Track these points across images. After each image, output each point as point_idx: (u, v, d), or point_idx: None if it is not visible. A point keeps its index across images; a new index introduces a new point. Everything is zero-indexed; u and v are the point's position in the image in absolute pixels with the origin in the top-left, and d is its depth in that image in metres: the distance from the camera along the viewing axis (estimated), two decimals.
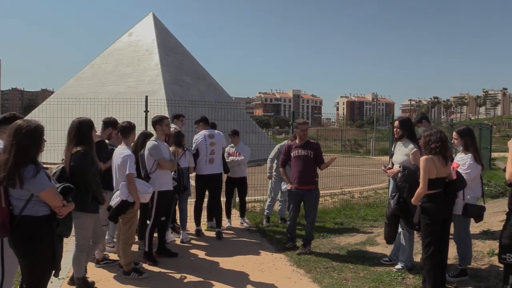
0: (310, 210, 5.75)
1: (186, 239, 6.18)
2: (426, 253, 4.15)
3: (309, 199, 5.70)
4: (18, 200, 2.92)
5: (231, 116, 10.21)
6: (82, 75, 22.72)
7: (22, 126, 2.89)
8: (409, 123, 5.14)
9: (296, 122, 5.88)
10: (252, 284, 4.62)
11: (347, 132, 40.54)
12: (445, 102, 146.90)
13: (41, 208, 2.97)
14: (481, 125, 16.57)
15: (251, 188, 7.74)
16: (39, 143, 2.97)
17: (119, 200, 4.49)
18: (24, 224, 2.93)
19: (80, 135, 3.94)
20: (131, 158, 4.57)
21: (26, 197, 2.91)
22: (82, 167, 3.83)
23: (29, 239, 2.94)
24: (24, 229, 2.93)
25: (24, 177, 2.82)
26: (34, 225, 2.94)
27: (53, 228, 3.01)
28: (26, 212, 2.92)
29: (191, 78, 22.39)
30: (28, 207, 2.92)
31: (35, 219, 2.94)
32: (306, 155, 5.64)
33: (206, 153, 6.37)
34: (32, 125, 2.93)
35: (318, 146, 5.81)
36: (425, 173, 4.06)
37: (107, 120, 5.36)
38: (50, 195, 2.94)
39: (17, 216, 2.92)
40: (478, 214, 4.51)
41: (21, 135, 2.86)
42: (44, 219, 2.97)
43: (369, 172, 11.07)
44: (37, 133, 2.94)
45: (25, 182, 2.82)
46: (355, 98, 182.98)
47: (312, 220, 5.80)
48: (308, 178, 5.64)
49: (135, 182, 4.57)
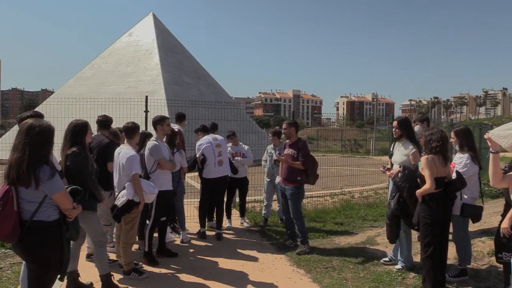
0: (291, 208, 5.85)
1: (186, 239, 6.18)
2: (426, 253, 4.15)
3: (290, 197, 5.83)
4: (30, 203, 2.83)
5: (231, 116, 10.22)
6: (82, 75, 22.74)
7: (35, 125, 2.85)
8: (407, 123, 5.15)
9: (282, 122, 6.12)
10: (252, 284, 4.63)
11: (347, 132, 40.60)
12: (445, 102, 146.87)
13: (53, 212, 2.92)
14: (481, 125, 16.55)
15: (251, 188, 7.75)
16: (51, 143, 2.94)
17: (125, 200, 4.50)
18: (35, 230, 2.84)
19: (74, 138, 4.00)
20: (136, 158, 4.60)
21: (39, 200, 2.83)
22: (78, 167, 3.88)
23: (40, 245, 2.87)
24: (35, 235, 2.84)
25: (41, 178, 2.76)
26: (46, 231, 2.88)
27: (63, 232, 2.97)
28: (37, 217, 2.84)
29: (191, 78, 22.41)
30: (40, 210, 2.84)
31: (47, 225, 2.88)
32: (291, 154, 5.81)
33: (214, 156, 6.32)
34: (44, 125, 2.91)
35: (303, 145, 5.88)
36: (431, 171, 4.06)
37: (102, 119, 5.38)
38: (64, 197, 2.92)
39: (28, 221, 2.82)
40: (476, 214, 4.51)
41: (34, 134, 2.81)
42: (55, 224, 2.92)
43: (369, 172, 11.08)
44: (49, 132, 2.91)
45: (41, 183, 2.76)
46: (355, 98, 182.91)
47: (296, 217, 5.84)
48: (290, 176, 5.79)
49: (141, 182, 4.59)
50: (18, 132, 2.88)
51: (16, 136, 2.87)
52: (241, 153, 7.16)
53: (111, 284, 4.27)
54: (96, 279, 4.44)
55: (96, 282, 4.40)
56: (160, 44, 21.69)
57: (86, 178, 3.94)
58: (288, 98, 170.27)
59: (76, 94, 19.03)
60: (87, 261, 5.05)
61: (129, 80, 20.83)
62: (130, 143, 4.79)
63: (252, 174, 8.01)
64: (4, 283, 4.57)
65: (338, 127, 67.88)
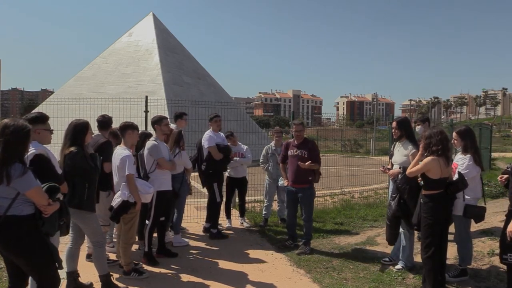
0: (305, 209, 5.80)
1: (177, 243, 5.94)
2: (426, 253, 4.15)
3: (303, 198, 5.76)
4: (3, 199, 2.93)
5: (231, 116, 10.20)
6: (82, 75, 22.73)
7: (9, 124, 2.93)
8: (407, 123, 5.14)
9: (292, 122, 6.00)
10: (252, 284, 4.63)
11: (347, 132, 40.55)
12: (445, 102, 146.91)
13: (26, 207, 3.00)
14: (481, 125, 16.58)
15: (251, 188, 7.75)
16: (26, 142, 3.00)
17: (120, 201, 4.50)
18: (9, 224, 2.94)
19: (74, 137, 4.02)
20: (130, 158, 4.58)
21: (12, 196, 2.93)
22: (77, 166, 3.90)
23: (17, 237, 2.97)
24: (10, 229, 2.95)
25: (12, 175, 2.84)
26: (20, 224, 2.97)
27: (39, 226, 3.05)
28: (11, 212, 2.94)
29: (191, 78, 22.39)
30: (14, 206, 2.94)
31: (20, 218, 2.97)
32: (301, 155, 5.71)
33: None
34: (19, 124, 2.97)
35: (313, 145, 5.85)
36: (423, 169, 4.09)
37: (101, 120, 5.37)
38: (36, 194, 2.98)
39: (1, 217, 2.93)
40: (479, 215, 4.51)
41: (8, 133, 2.89)
42: (29, 218, 3.01)
43: (369, 172, 11.07)
44: (24, 131, 2.96)
45: (12, 180, 2.85)
46: (355, 98, 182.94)
47: (308, 219, 5.81)
48: (301, 178, 5.70)
49: (136, 182, 4.58)
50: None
51: None
52: (240, 153, 7.16)
53: (111, 284, 4.28)
54: (96, 279, 4.42)
55: (96, 282, 4.39)
56: (160, 44, 21.68)
57: (85, 178, 3.96)
58: (288, 98, 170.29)
59: (76, 94, 19.02)
60: (87, 261, 5.05)
61: (129, 80, 20.82)
62: (125, 143, 4.77)
63: (252, 174, 8.00)
64: (4, 283, 4.56)
65: (338, 127, 67.88)
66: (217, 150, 6.26)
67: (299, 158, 5.70)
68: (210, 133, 6.44)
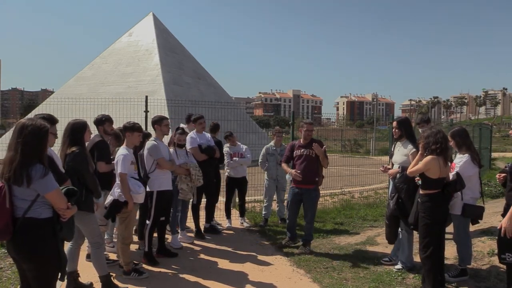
0: (308, 210, 5.77)
1: (176, 245, 5.90)
2: (425, 253, 4.15)
3: (308, 199, 5.71)
4: (22, 201, 2.86)
5: (231, 116, 10.21)
6: (82, 75, 22.73)
7: (27, 124, 2.87)
8: (407, 123, 5.15)
9: (303, 121, 5.89)
10: (252, 284, 4.63)
11: (347, 132, 40.56)
12: (445, 102, 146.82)
13: (45, 210, 2.92)
14: (481, 125, 16.55)
15: (251, 188, 7.75)
16: (45, 142, 2.94)
17: (111, 200, 4.52)
18: (27, 226, 2.86)
19: (73, 137, 4.01)
20: (125, 157, 4.57)
21: (32, 198, 2.85)
22: (78, 166, 3.90)
23: (33, 242, 2.87)
24: (28, 232, 2.86)
25: (32, 177, 2.78)
26: (38, 227, 2.89)
27: (56, 231, 2.97)
28: (29, 214, 2.86)
29: (191, 78, 22.40)
30: (33, 208, 2.86)
31: (39, 221, 2.89)
32: (308, 154, 5.65)
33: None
34: (38, 124, 2.92)
35: (320, 143, 5.77)
36: (423, 169, 4.08)
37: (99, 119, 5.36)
38: (56, 196, 2.91)
39: (20, 218, 2.84)
40: (477, 214, 4.52)
41: (27, 133, 2.83)
42: (47, 221, 2.92)
43: (369, 172, 11.06)
44: (43, 131, 2.91)
45: (32, 182, 2.78)
46: (355, 98, 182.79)
47: (310, 220, 5.79)
48: (307, 178, 5.62)
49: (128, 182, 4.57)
50: (13, 132, 2.92)
51: (12, 135, 2.91)
52: (239, 153, 7.16)
53: (111, 284, 4.27)
54: (96, 279, 4.43)
55: (96, 282, 4.40)
56: (160, 44, 21.68)
57: (85, 178, 3.96)
58: (288, 98, 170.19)
59: (76, 94, 19.01)
60: (87, 261, 5.04)
61: (129, 80, 20.82)
62: (126, 144, 4.78)
63: (252, 174, 8.00)
64: (4, 283, 4.56)
65: (338, 127, 67.83)
66: (199, 151, 6.24)
67: (307, 158, 5.64)
68: (193, 134, 6.40)
